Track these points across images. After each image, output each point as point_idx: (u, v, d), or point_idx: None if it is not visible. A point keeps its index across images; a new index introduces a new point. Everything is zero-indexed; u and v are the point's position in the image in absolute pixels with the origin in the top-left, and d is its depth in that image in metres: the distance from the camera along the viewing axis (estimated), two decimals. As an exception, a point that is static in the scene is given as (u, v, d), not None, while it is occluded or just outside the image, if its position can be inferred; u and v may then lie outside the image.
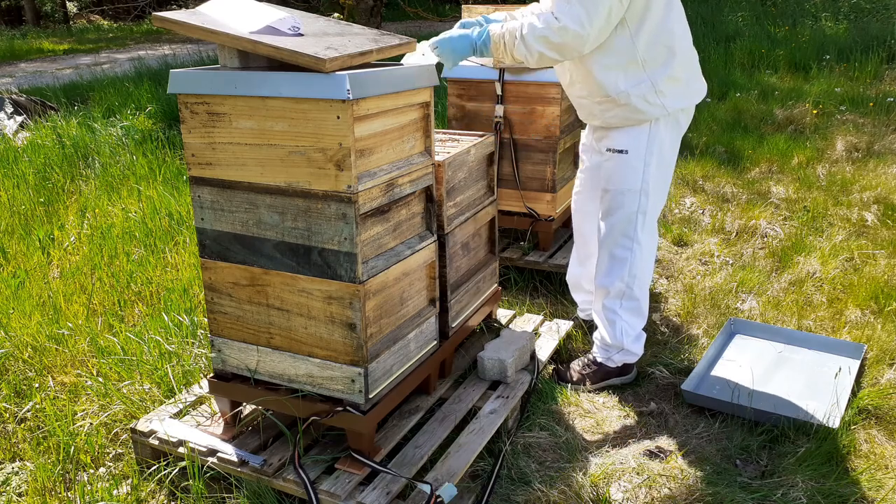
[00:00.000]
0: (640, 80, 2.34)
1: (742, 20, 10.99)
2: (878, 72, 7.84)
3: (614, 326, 2.62)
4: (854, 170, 5.07)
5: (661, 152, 2.46)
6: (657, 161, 2.46)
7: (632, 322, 2.62)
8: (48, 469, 2.19)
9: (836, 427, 2.30)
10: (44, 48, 14.40)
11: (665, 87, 2.36)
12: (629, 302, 2.59)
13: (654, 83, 2.35)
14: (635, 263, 2.55)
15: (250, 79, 1.83)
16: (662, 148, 2.45)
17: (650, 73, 2.34)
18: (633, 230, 2.51)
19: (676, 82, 2.38)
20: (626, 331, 2.62)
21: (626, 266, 2.55)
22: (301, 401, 2.02)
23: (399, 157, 1.99)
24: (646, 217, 2.50)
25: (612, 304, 2.61)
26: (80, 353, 2.84)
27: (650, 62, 2.33)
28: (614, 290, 2.59)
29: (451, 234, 2.34)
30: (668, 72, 2.35)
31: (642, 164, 2.44)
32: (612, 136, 2.47)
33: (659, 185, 2.50)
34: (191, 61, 9.79)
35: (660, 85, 2.35)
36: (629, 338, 2.62)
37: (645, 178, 2.46)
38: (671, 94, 2.38)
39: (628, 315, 2.61)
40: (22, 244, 3.92)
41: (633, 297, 2.59)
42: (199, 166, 1.98)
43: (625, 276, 2.56)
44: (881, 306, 3.17)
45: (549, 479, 2.16)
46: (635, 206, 2.49)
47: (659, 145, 2.44)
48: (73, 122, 6.27)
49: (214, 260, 2.05)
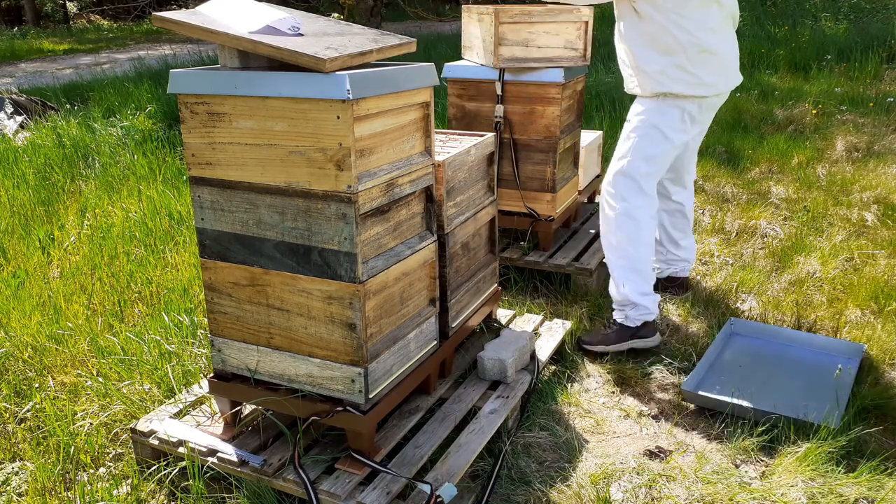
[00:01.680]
0: (650, 59, 2.70)
1: (742, 20, 10.98)
2: (878, 72, 7.84)
3: (616, 281, 2.88)
4: (854, 170, 5.07)
5: (659, 128, 2.76)
6: (652, 135, 2.77)
7: (630, 278, 2.84)
8: (48, 469, 2.19)
9: (837, 427, 2.30)
10: (44, 48, 14.40)
11: (671, 71, 2.68)
12: (622, 260, 2.86)
13: (662, 63, 2.68)
14: (621, 218, 2.83)
15: (250, 79, 1.83)
16: (662, 123, 2.76)
17: (663, 55, 2.67)
18: (619, 189, 2.82)
19: (682, 71, 2.67)
20: (627, 285, 2.84)
21: (613, 223, 2.86)
22: (301, 401, 2.02)
23: (399, 157, 1.99)
24: (630, 180, 2.80)
25: (608, 259, 2.92)
26: (80, 353, 2.84)
27: (664, 44, 2.66)
28: (610, 245, 2.90)
29: (451, 234, 2.34)
30: (679, 57, 2.65)
31: (636, 134, 2.79)
32: (632, 106, 2.86)
33: (651, 157, 2.79)
34: (191, 61, 9.80)
35: (667, 67, 2.68)
36: (632, 292, 2.83)
37: (637, 146, 2.79)
38: (676, 78, 2.68)
39: (623, 271, 2.85)
40: (22, 244, 3.92)
41: (626, 255, 2.85)
42: (199, 166, 1.99)
43: (614, 230, 2.86)
44: (881, 306, 3.17)
45: (549, 479, 2.16)
46: (622, 169, 2.82)
47: (658, 120, 2.76)
48: (73, 122, 6.27)
49: (214, 260, 2.05)
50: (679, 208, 3.19)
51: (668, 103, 2.74)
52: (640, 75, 2.76)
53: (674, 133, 2.79)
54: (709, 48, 2.67)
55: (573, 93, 3.53)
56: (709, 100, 2.79)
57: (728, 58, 2.78)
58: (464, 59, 3.68)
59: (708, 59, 2.68)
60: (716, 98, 2.83)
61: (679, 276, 3.32)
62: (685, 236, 3.25)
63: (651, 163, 2.80)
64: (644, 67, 2.73)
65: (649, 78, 2.73)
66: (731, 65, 2.82)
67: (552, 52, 3.27)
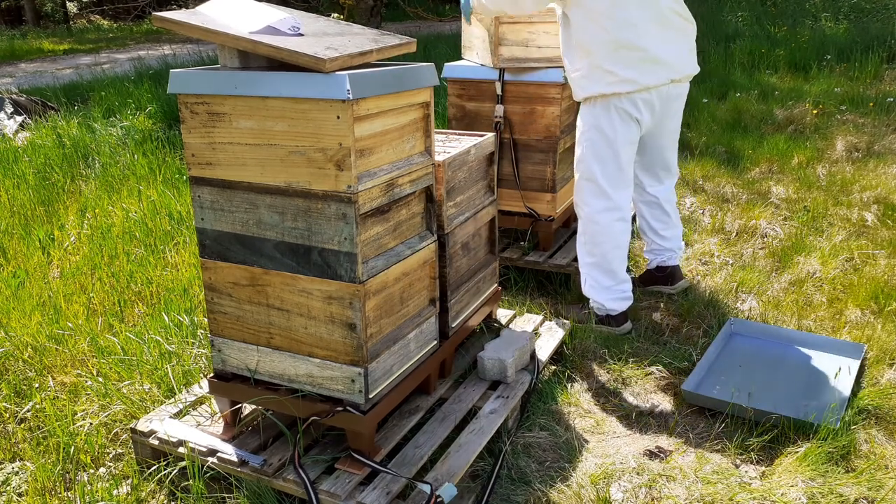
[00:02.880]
0: (574, 64, 2.82)
1: (742, 20, 10.98)
2: (878, 72, 7.84)
3: (582, 279, 3.08)
4: (854, 170, 5.07)
5: (600, 128, 2.85)
6: (597, 135, 2.87)
7: (595, 275, 3.02)
8: (48, 469, 2.19)
9: (836, 427, 2.30)
10: (44, 48, 14.40)
11: (589, 72, 2.78)
12: (589, 257, 3.02)
13: (581, 67, 2.79)
14: (585, 221, 2.99)
15: (250, 79, 1.83)
16: (599, 124, 2.85)
17: (583, 58, 2.77)
18: (582, 193, 2.98)
19: (600, 70, 2.75)
20: (590, 283, 3.04)
21: (581, 222, 3.02)
22: (301, 401, 2.02)
23: (399, 157, 1.99)
24: (591, 183, 2.93)
25: (580, 258, 3.07)
26: (80, 353, 2.84)
27: (584, 47, 2.76)
28: (579, 244, 3.06)
29: (451, 234, 2.34)
30: (596, 58, 2.74)
31: (584, 138, 2.91)
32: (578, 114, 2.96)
33: (602, 158, 2.88)
34: (191, 61, 9.80)
35: (585, 69, 2.78)
36: (594, 290, 3.03)
37: (585, 150, 2.91)
38: (595, 79, 2.77)
39: (590, 269, 3.03)
40: (22, 244, 3.92)
41: (592, 252, 3.00)
42: (199, 166, 1.99)
43: (582, 233, 3.03)
44: (881, 306, 3.17)
45: (549, 479, 2.16)
46: (580, 174, 2.96)
47: (595, 122, 2.86)
48: (73, 122, 6.27)
49: (214, 260, 2.05)
50: (655, 200, 3.25)
51: (600, 105, 2.82)
52: (572, 82, 2.89)
53: (615, 132, 2.85)
54: (626, 44, 2.70)
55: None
56: (640, 94, 2.79)
57: (661, 50, 2.76)
58: (464, 58, 3.68)
59: (625, 55, 2.72)
60: (647, 93, 2.80)
61: (668, 265, 3.36)
62: (667, 227, 3.30)
63: (604, 164, 2.89)
64: (572, 74, 2.86)
65: (576, 83, 2.86)
66: (667, 56, 2.78)
67: (552, 52, 3.27)
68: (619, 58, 2.72)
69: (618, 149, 2.87)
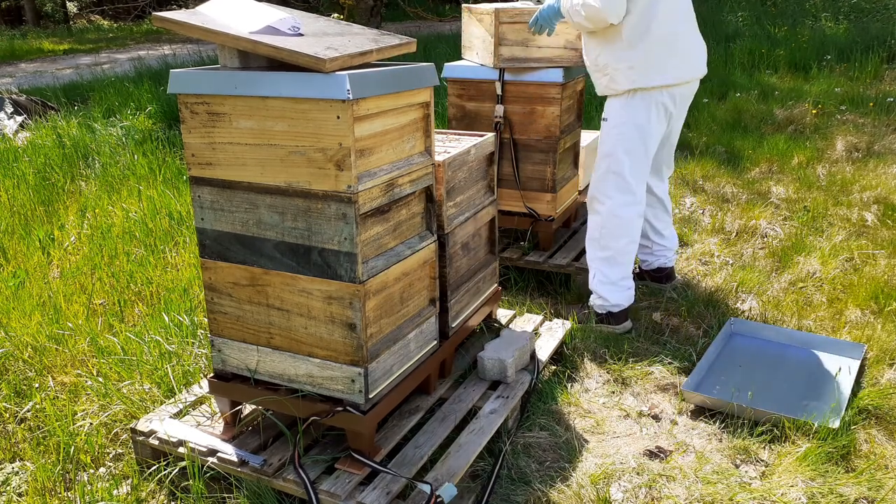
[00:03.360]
0: (619, 57, 2.77)
1: (742, 20, 10.98)
2: (878, 72, 7.84)
3: (591, 274, 3.05)
4: (854, 170, 5.07)
5: (635, 123, 2.85)
6: (631, 130, 2.85)
7: (605, 270, 3.00)
8: (48, 469, 2.19)
9: (836, 427, 2.30)
10: (44, 48, 14.40)
11: (638, 65, 2.75)
12: (602, 251, 3.00)
13: (629, 59, 2.75)
14: (606, 216, 2.96)
15: (250, 79, 1.83)
16: (636, 119, 2.84)
17: (628, 51, 2.74)
18: (605, 186, 2.94)
19: (648, 62, 2.75)
20: (599, 278, 3.02)
21: (600, 217, 2.98)
22: (301, 401, 2.02)
23: (399, 157, 1.99)
24: (618, 177, 2.91)
25: (590, 254, 3.05)
26: (80, 353, 2.84)
27: (629, 40, 2.73)
28: (591, 238, 3.03)
29: (451, 234, 2.34)
30: (642, 53, 2.74)
31: (616, 131, 2.87)
32: (605, 107, 2.93)
33: (633, 151, 2.88)
34: (191, 61, 9.80)
35: (633, 62, 2.75)
36: (602, 285, 3.01)
37: (615, 144, 2.88)
38: (641, 71, 2.76)
39: (601, 264, 3.01)
40: (22, 244, 3.92)
41: (607, 246, 2.98)
42: (199, 166, 1.99)
43: (598, 226, 2.99)
44: (881, 306, 3.17)
45: (549, 479, 2.16)
46: (607, 167, 2.92)
47: (632, 116, 2.84)
48: (73, 122, 6.27)
49: (214, 260, 2.05)
50: (660, 200, 3.29)
51: (640, 98, 2.82)
52: (611, 74, 2.83)
53: (651, 127, 2.87)
54: (673, 38, 2.77)
55: (573, 93, 3.53)
56: (679, 88, 2.87)
57: (692, 46, 2.88)
58: (464, 58, 3.68)
59: (673, 49, 2.78)
60: (685, 87, 2.91)
61: (667, 266, 3.40)
62: (667, 226, 3.36)
63: (634, 158, 2.89)
64: (615, 65, 2.80)
65: (620, 75, 2.80)
66: (696, 53, 2.91)
67: (552, 52, 3.27)
68: (668, 51, 2.77)
69: (649, 144, 2.91)
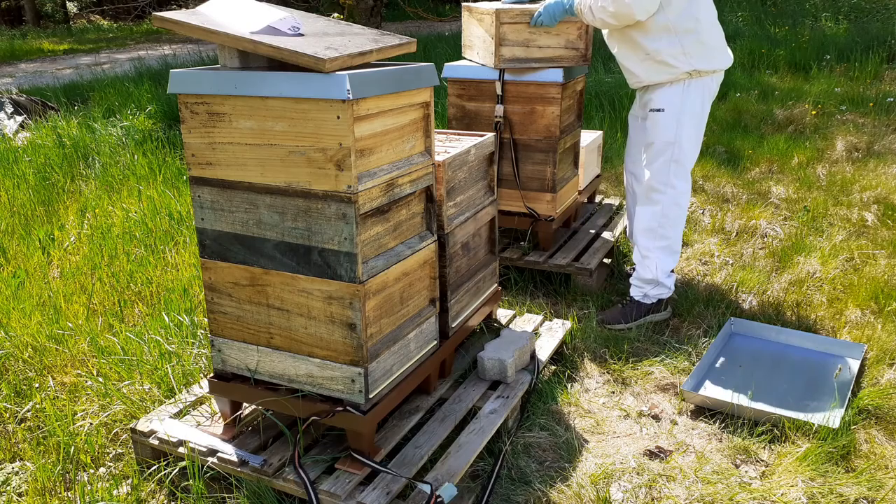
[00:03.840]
0: (671, 42, 2.80)
1: (742, 20, 10.98)
2: (878, 72, 7.84)
3: (649, 262, 3.04)
4: (854, 170, 5.07)
5: (692, 110, 2.90)
6: (689, 117, 2.90)
7: (663, 259, 3.03)
8: (48, 469, 2.19)
9: (836, 427, 2.30)
10: (44, 48, 14.39)
11: (691, 50, 2.80)
12: (661, 241, 3.01)
13: (682, 44, 2.79)
14: (667, 205, 2.98)
15: (250, 79, 1.83)
16: (693, 106, 2.89)
17: (680, 37, 2.79)
18: (667, 176, 2.95)
19: (702, 46, 2.82)
20: (659, 266, 3.03)
21: (660, 206, 2.99)
22: (301, 401, 2.02)
23: (399, 157, 1.99)
24: (679, 165, 2.94)
25: (646, 243, 3.04)
26: (80, 353, 2.84)
27: (679, 28, 2.78)
28: (649, 229, 3.03)
29: (451, 234, 2.34)
30: (695, 37, 2.80)
31: (675, 120, 2.89)
32: (653, 98, 2.94)
33: (691, 138, 2.93)
34: (191, 61, 9.80)
35: (687, 46, 2.80)
36: (662, 273, 3.04)
37: (678, 132, 2.90)
38: (697, 56, 2.82)
39: (660, 253, 3.02)
40: (22, 244, 3.92)
41: (666, 235, 3.01)
42: (199, 166, 1.99)
43: (658, 216, 3.00)
44: (881, 306, 3.17)
45: (549, 479, 2.16)
46: (670, 156, 2.93)
47: (690, 104, 2.88)
48: (73, 122, 6.27)
49: (214, 260, 2.05)
50: None
51: (695, 84, 2.87)
52: (665, 59, 2.83)
53: (704, 111, 2.94)
54: (717, 26, 2.89)
55: (573, 93, 3.53)
56: (718, 76, 2.95)
57: (723, 36, 2.97)
58: (465, 57, 3.68)
59: (718, 36, 2.89)
60: (721, 76, 2.98)
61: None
62: None
63: (693, 146, 2.96)
64: (669, 50, 2.81)
65: (676, 60, 2.82)
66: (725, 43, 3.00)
67: (553, 52, 3.27)
68: (716, 37, 2.88)
69: (701, 132, 2.98)
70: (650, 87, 2.95)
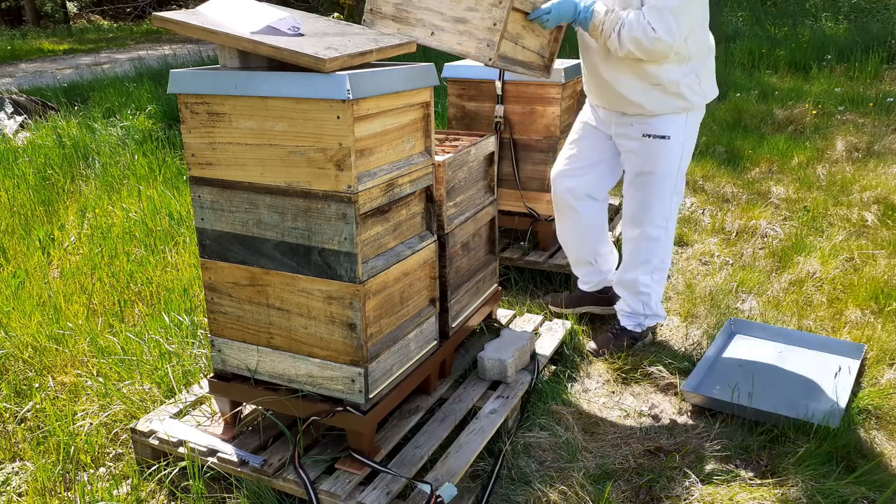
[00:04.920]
0: (687, 72, 2.55)
1: (742, 20, 10.99)
2: (878, 72, 7.84)
3: (650, 298, 2.85)
4: (854, 170, 5.07)
5: (692, 139, 2.71)
6: (689, 147, 2.71)
7: (660, 291, 2.89)
8: (48, 469, 2.19)
9: (837, 427, 2.30)
10: (44, 48, 14.39)
11: (705, 78, 2.61)
12: (660, 274, 2.84)
13: (697, 75, 2.58)
14: (669, 239, 2.80)
15: (250, 79, 1.83)
16: (693, 136, 2.71)
17: (695, 66, 2.56)
18: (670, 210, 2.75)
19: (710, 75, 2.65)
20: (656, 298, 2.87)
21: (662, 243, 2.79)
22: (301, 401, 2.02)
23: (399, 157, 1.99)
24: (679, 197, 2.76)
25: (646, 279, 2.82)
26: (80, 353, 2.84)
27: (695, 57, 2.54)
28: (650, 265, 2.81)
29: (451, 234, 2.34)
30: (707, 65, 2.62)
31: (680, 149, 2.66)
32: (654, 123, 2.64)
33: (686, 169, 2.74)
34: (191, 61, 9.79)
35: (702, 76, 2.59)
36: (659, 305, 2.90)
37: (681, 162, 2.69)
38: (708, 85, 2.64)
39: (658, 286, 2.86)
40: (22, 244, 3.92)
41: (664, 268, 2.85)
42: (199, 166, 1.98)
43: (660, 252, 2.80)
44: (881, 306, 3.17)
45: (549, 479, 2.16)
46: (672, 188, 2.71)
47: (692, 133, 2.69)
48: (73, 122, 6.27)
49: (214, 260, 2.05)
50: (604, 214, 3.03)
51: (696, 114, 2.67)
52: (680, 91, 2.56)
53: (693, 146, 2.73)
54: (712, 49, 2.66)
55: (573, 93, 3.53)
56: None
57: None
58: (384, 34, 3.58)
59: (711, 63, 2.66)
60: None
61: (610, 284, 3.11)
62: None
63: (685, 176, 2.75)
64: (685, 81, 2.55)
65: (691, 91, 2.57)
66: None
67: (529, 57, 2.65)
68: (710, 65, 2.67)
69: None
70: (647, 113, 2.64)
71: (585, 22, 2.51)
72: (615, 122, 2.74)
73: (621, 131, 2.73)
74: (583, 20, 2.51)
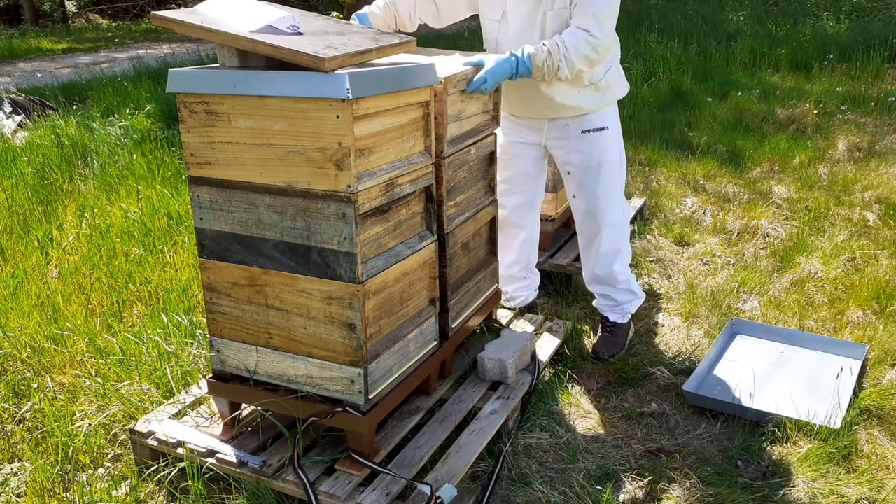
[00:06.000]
0: (608, 66, 2.65)
1: (743, 19, 10.97)
2: (880, 71, 7.82)
3: (630, 283, 2.93)
4: (856, 169, 5.06)
5: (620, 134, 2.81)
6: (620, 141, 2.81)
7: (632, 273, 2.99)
8: (47, 470, 2.18)
9: (838, 427, 2.29)
10: (42, 47, 14.37)
11: (621, 70, 2.75)
12: (628, 257, 2.93)
13: (617, 65, 2.70)
14: (626, 223, 2.91)
15: (249, 78, 1.82)
16: (619, 130, 2.80)
17: (613, 58, 2.67)
18: (620, 195, 2.83)
19: (619, 72, 2.74)
20: (633, 280, 2.96)
21: (622, 228, 2.87)
22: (300, 401, 2.01)
23: (399, 157, 1.98)
24: (623, 182, 2.85)
25: (621, 268, 2.89)
26: (78, 353, 2.83)
27: (612, 49, 2.62)
28: (620, 253, 2.88)
29: (451, 234, 2.33)
30: (618, 58, 2.72)
31: (618, 137, 2.78)
32: (591, 119, 2.69)
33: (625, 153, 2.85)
34: (190, 60, 9.78)
35: (620, 69, 2.73)
36: (637, 286, 2.98)
37: (621, 149, 2.81)
38: (622, 77, 2.76)
39: (629, 269, 2.95)
40: (20, 244, 3.91)
41: (629, 251, 2.95)
42: (197, 166, 1.98)
43: (624, 238, 2.89)
44: (883, 306, 3.16)
45: (550, 479, 2.15)
46: (619, 173, 2.81)
47: (618, 127, 2.80)
48: (71, 122, 6.26)
49: (213, 260, 2.04)
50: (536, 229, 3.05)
51: (615, 108, 2.76)
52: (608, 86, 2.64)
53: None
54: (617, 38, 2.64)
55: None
56: None
57: None
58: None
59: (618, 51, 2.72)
60: None
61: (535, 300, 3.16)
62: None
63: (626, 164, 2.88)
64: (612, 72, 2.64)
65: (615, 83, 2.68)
66: None
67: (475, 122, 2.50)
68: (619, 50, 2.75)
69: None
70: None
71: (527, 72, 2.40)
72: (546, 127, 2.72)
73: (556, 134, 2.71)
74: (524, 71, 2.39)
